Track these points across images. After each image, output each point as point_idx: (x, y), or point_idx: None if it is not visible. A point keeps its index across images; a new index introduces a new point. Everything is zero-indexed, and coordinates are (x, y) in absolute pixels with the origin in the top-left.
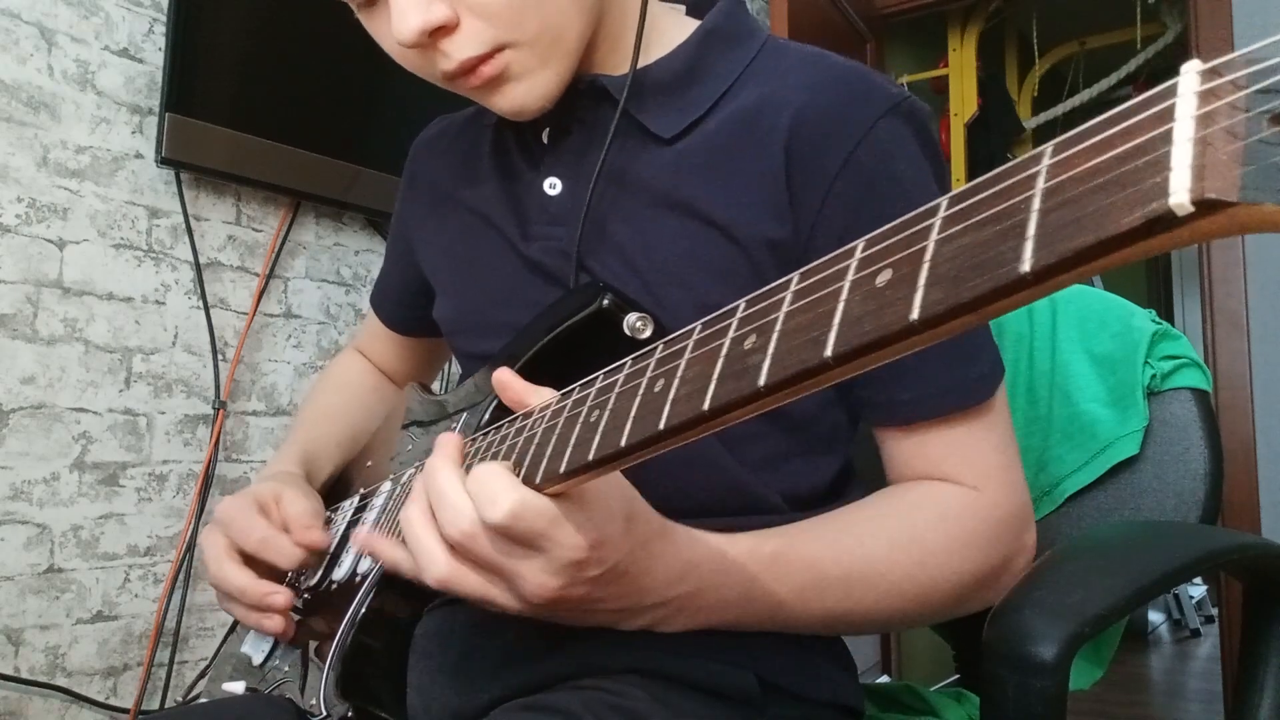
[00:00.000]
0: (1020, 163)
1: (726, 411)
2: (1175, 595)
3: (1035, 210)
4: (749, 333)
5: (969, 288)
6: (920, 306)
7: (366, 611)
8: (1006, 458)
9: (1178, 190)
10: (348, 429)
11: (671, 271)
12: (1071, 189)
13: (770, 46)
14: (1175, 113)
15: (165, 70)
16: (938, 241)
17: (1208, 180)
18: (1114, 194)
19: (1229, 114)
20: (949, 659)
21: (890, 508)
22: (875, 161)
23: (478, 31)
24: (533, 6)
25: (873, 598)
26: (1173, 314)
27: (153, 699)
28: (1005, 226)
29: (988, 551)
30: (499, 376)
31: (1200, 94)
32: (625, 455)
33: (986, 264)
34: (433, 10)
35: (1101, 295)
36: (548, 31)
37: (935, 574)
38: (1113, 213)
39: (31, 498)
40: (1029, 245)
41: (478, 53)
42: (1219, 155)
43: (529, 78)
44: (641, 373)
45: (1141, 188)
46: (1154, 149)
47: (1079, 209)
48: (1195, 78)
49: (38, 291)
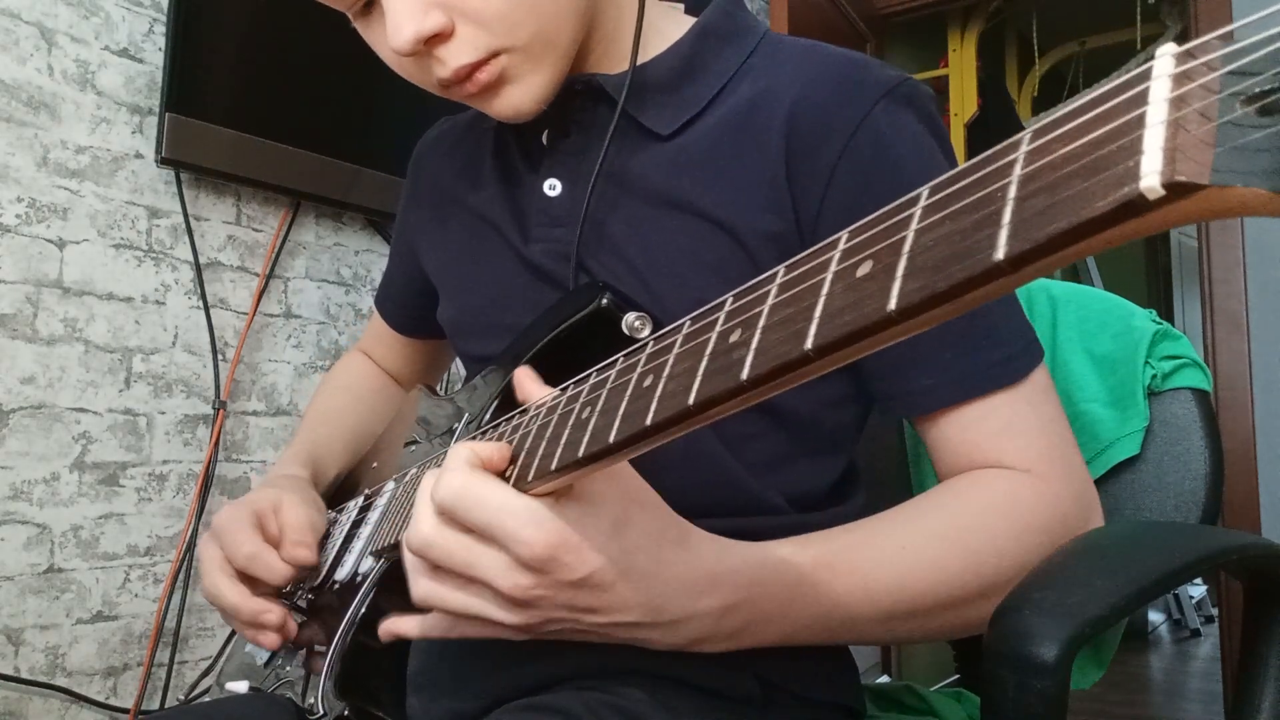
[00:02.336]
0: (999, 150)
1: (711, 406)
2: (1175, 595)
3: (1011, 198)
4: (735, 326)
5: (945, 277)
6: (898, 297)
7: (367, 611)
8: (1057, 438)
9: (1149, 174)
10: (353, 430)
11: (671, 269)
12: (1047, 175)
13: (767, 41)
14: (1149, 96)
15: (165, 70)
16: (917, 231)
17: (1179, 163)
18: (1088, 179)
19: (1202, 96)
20: (949, 659)
21: (937, 503)
22: (874, 148)
23: (473, 38)
24: (527, 11)
25: (931, 596)
26: (1173, 314)
27: (153, 699)
28: (982, 215)
29: (1047, 536)
30: (520, 376)
31: (1174, 77)
32: (614, 451)
33: (963, 253)
34: (428, 18)
35: (1101, 295)
36: (542, 35)
37: (994, 564)
38: (1086, 198)
39: (31, 498)
40: (1004, 233)
41: (473, 59)
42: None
43: (524, 81)
44: (632, 369)
45: (1114, 172)
46: (1127, 133)
47: (1053, 195)
48: (1170, 60)
49: (38, 291)
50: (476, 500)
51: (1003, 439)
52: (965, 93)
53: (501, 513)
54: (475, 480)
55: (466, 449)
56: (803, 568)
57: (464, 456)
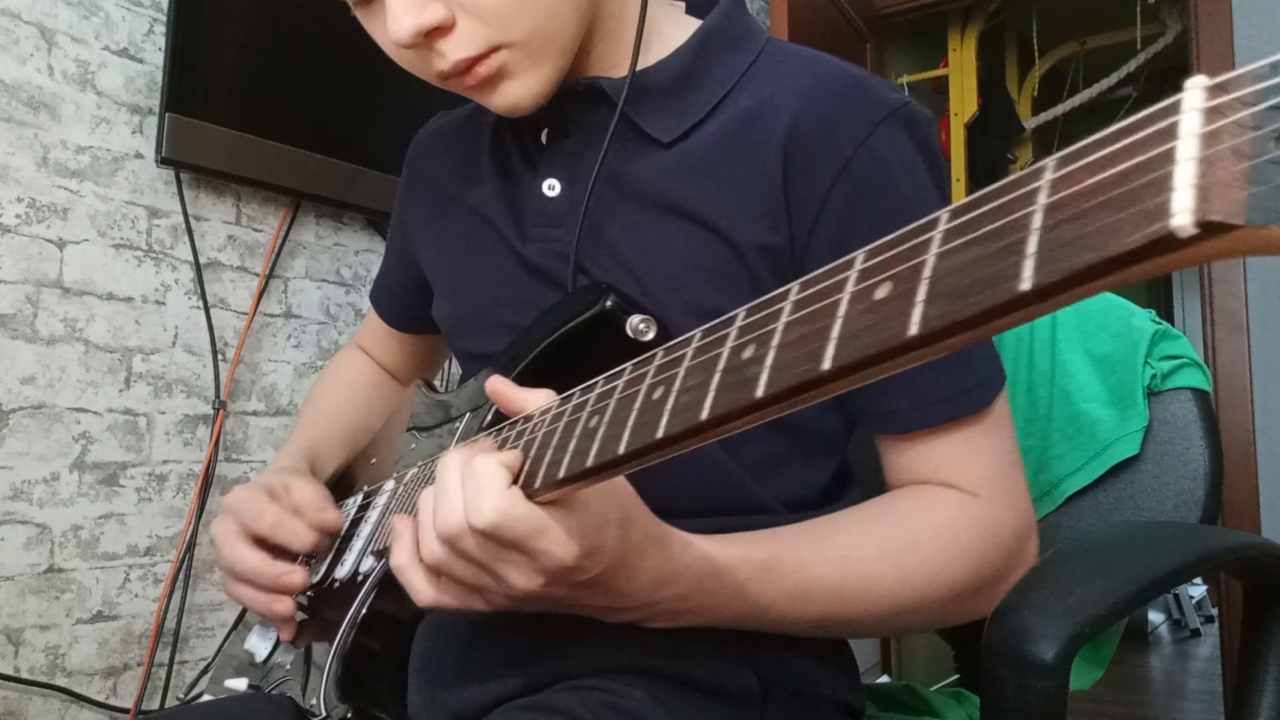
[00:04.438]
0: (1022, 176)
1: (724, 422)
2: (1175, 595)
3: (1037, 228)
4: (748, 342)
5: (968, 304)
6: (919, 322)
7: (367, 612)
8: (1007, 466)
9: (1180, 211)
10: (351, 426)
11: (667, 274)
12: (1073, 206)
13: (770, 49)
14: (1179, 130)
15: (165, 70)
16: (938, 255)
17: (1212, 201)
18: (1116, 213)
19: (1235, 132)
20: (949, 659)
21: (884, 514)
22: (871, 169)
23: (472, 31)
24: (527, 7)
25: (864, 604)
26: (1173, 314)
27: (153, 699)
28: (1006, 243)
29: (981, 559)
30: (492, 386)
31: (1205, 111)
32: (623, 463)
33: (986, 280)
34: (427, 11)
35: (1101, 295)
36: (541, 31)
37: (926, 581)
38: (1115, 232)
39: (31, 498)
40: (1030, 263)
41: (472, 53)
42: (1224, 175)
43: (523, 76)
44: (641, 379)
45: (1144, 207)
46: (1157, 167)
47: (1080, 227)
48: (1201, 94)
49: (38, 291)
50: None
51: (958, 461)
52: (965, 93)
53: (539, 535)
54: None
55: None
56: (751, 568)
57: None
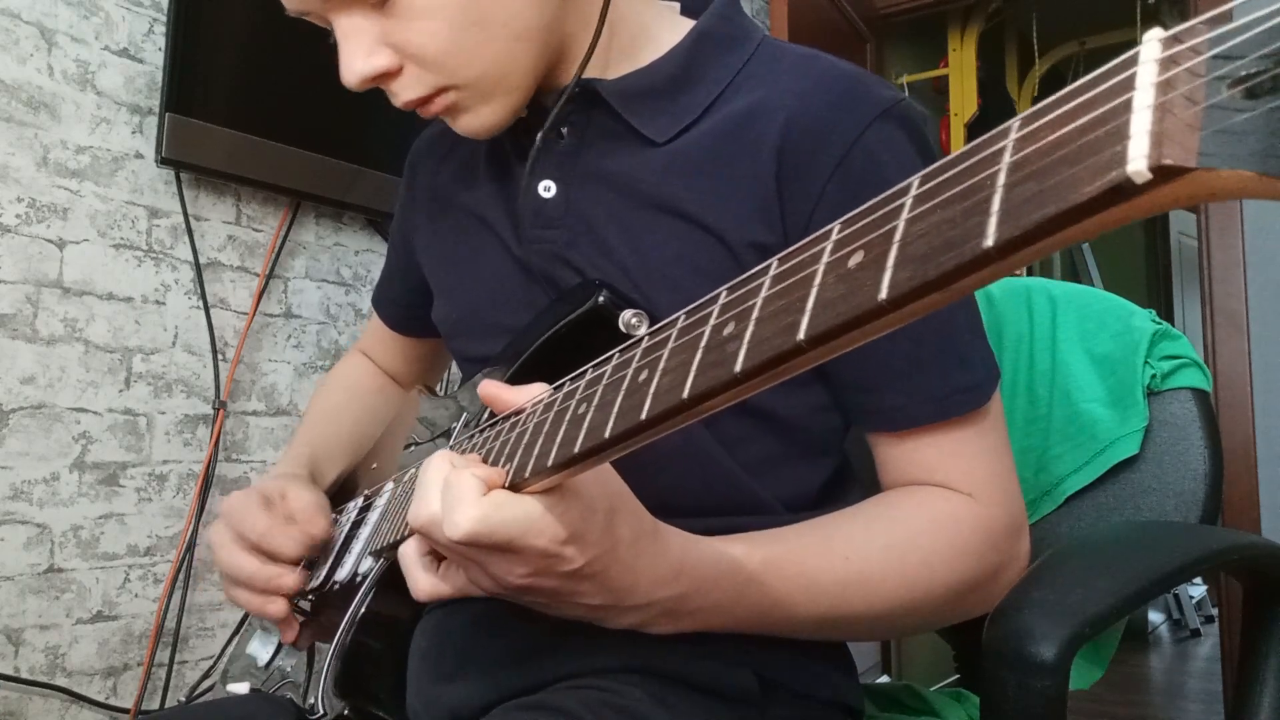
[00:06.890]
0: (989, 138)
1: (705, 399)
2: (1175, 595)
3: (1000, 185)
4: (728, 319)
5: (935, 266)
6: (889, 286)
7: (366, 612)
8: (1000, 466)
9: (1135, 158)
10: (352, 431)
11: (663, 274)
12: (1036, 162)
13: (765, 49)
14: (1136, 80)
15: (165, 70)
16: (908, 221)
17: (1166, 147)
18: (1076, 165)
19: (1188, 80)
20: (949, 659)
21: (883, 514)
22: (866, 168)
23: (418, 76)
24: (470, 53)
25: (865, 605)
26: (1173, 314)
27: (153, 699)
28: (972, 202)
29: (978, 560)
30: (484, 390)
31: (1161, 61)
32: (610, 447)
33: (953, 241)
34: (374, 58)
35: (1101, 295)
36: (489, 75)
37: (926, 581)
38: (1074, 184)
39: (31, 498)
40: (993, 220)
41: (421, 94)
42: (1178, 122)
43: (475, 111)
44: (627, 364)
45: (1101, 157)
46: (1114, 118)
47: (1042, 181)
48: (1157, 45)
49: (38, 291)
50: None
51: (953, 461)
52: (965, 93)
53: (527, 534)
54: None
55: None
56: (752, 568)
57: (473, 488)
